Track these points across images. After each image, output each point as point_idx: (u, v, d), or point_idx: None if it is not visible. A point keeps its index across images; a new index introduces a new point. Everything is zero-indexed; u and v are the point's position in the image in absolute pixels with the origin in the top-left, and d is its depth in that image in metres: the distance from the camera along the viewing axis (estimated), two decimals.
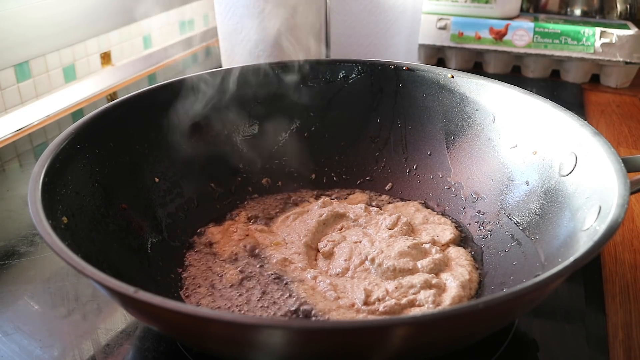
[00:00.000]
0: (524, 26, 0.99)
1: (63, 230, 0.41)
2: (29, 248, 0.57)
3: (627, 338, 0.46)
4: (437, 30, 1.03)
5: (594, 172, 0.45)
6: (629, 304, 0.50)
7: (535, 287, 0.33)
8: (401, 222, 0.55)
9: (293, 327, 0.32)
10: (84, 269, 0.34)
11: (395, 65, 0.63)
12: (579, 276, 0.53)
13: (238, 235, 0.55)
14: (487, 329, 0.38)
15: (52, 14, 0.89)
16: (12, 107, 0.87)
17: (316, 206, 0.59)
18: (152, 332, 0.46)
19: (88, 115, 0.51)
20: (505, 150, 0.56)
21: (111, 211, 0.49)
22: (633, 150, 0.78)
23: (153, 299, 0.32)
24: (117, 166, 0.52)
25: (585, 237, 0.39)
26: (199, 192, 0.59)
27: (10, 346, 0.45)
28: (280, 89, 0.64)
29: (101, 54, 1.02)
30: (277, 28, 0.82)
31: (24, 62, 0.87)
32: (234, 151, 0.62)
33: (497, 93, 0.57)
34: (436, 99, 0.62)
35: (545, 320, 0.47)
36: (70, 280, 0.52)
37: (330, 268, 0.52)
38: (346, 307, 0.46)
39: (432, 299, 0.46)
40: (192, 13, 1.25)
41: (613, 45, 0.95)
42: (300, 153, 0.65)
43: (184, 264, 0.52)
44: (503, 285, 0.47)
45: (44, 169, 0.43)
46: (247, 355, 0.36)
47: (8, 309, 0.49)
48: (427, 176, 0.62)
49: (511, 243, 0.51)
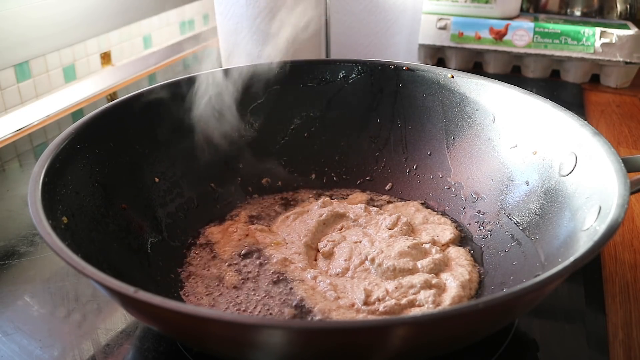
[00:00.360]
0: (524, 26, 0.99)
1: (63, 230, 0.41)
2: (29, 248, 0.57)
3: (627, 338, 0.46)
4: (437, 30, 1.03)
5: (594, 172, 0.45)
6: (629, 304, 0.50)
7: (535, 287, 0.33)
8: (401, 222, 0.55)
9: (293, 327, 0.32)
10: (84, 269, 0.34)
11: (395, 65, 0.63)
12: (579, 276, 0.52)
13: (238, 235, 0.55)
14: (487, 329, 0.38)
15: (52, 14, 0.89)
16: (12, 107, 0.87)
17: (316, 206, 0.59)
18: (152, 332, 0.46)
19: (88, 115, 0.51)
20: (505, 150, 0.56)
21: (111, 211, 0.49)
22: (633, 150, 0.78)
23: (153, 299, 0.32)
24: (117, 166, 0.52)
25: (585, 237, 0.39)
26: (199, 192, 0.59)
27: (10, 346, 0.45)
28: (280, 88, 0.64)
29: (101, 54, 1.02)
30: (276, 28, 0.82)
31: (24, 62, 0.87)
32: (234, 151, 0.62)
33: (497, 93, 0.57)
34: (436, 99, 0.62)
35: (545, 320, 0.47)
36: (70, 280, 0.52)
37: (330, 268, 0.52)
38: (346, 307, 0.46)
39: (432, 299, 0.46)
40: (192, 13, 1.25)
41: (613, 45, 0.95)
42: (300, 153, 0.65)
43: (184, 264, 0.52)
44: (503, 285, 0.47)
45: (44, 169, 0.43)
46: (247, 355, 0.36)
47: (8, 309, 0.49)
48: (427, 176, 0.62)
49: (511, 243, 0.51)
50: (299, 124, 0.65)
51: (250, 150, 0.63)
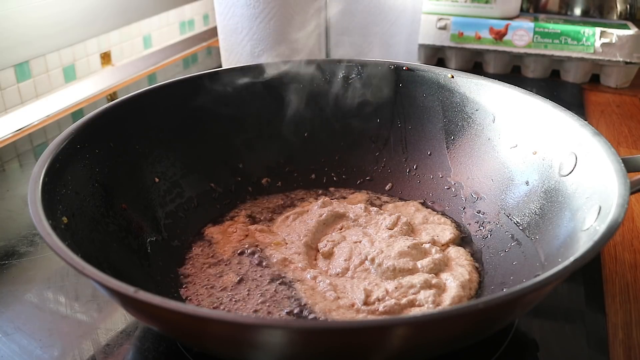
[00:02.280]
0: (524, 26, 0.99)
1: (63, 230, 0.41)
2: (29, 248, 0.57)
3: (627, 338, 0.46)
4: (437, 30, 1.03)
5: (594, 172, 0.45)
6: (629, 304, 0.50)
7: (535, 287, 0.33)
8: (401, 222, 0.55)
9: (293, 327, 0.32)
10: (84, 269, 0.34)
11: (395, 65, 0.63)
12: (579, 276, 0.52)
13: (238, 235, 0.55)
14: (487, 329, 0.38)
15: (52, 14, 0.89)
16: (12, 107, 0.87)
17: (316, 206, 0.59)
18: (152, 332, 0.46)
19: (88, 115, 0.51)
20: (505, 150, 0.56)
21: (111, 211, 0.49)
22: (633, 150, 0.78)
23: (153, 299, 0.32)
24: (117, 166, 0.52)
25: (585, 237, 0.39)
26: (199, 192, 0.59)
27: (10, 346, 0.45)
28: (280, 89, 0.64)
29: (101, 54, 1.02)
30: (276, 28, 0.82)
31: (24, 62, 0.87)
32: (234, 151, 0.62)
33: (497, 93, 0.57)
34: (436, 99, 0.62)
35: (545, 320, 0.47)
36: (70, 280, 0.52)
37: (330, 268, 0.52)
38: (346, 307, 0.46)
39: (432, 299, 0.46)
40: (192, 13, 1.25)
41: (613, 45, 0.95)
42: (300, 153, 0.65)
43: (184, 264, 0.52)
44: (503, 285, 0.47)
45: (44, 169, 0.43)
46: (247, 355, 0.36)
47: (8, 309, 0.49)
48: (427, 176, 0.62)
49: (511, 243, 0.51)
50: (299, 124, 0.65)
51: (250, 150, 0.63)
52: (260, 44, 0.84)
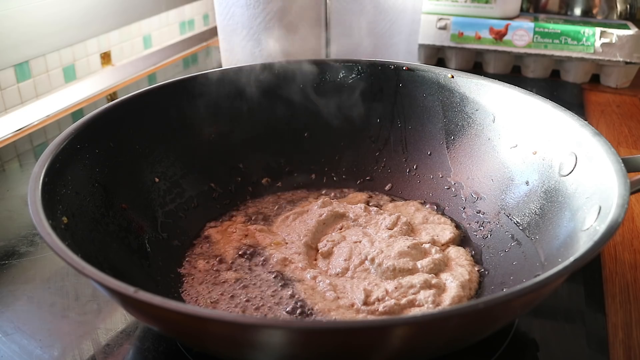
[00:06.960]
0: (524, 26, 0.99)
1: (63, 230, 0.41)
2: (29, 248, 0.57)
3: (627, 338, 0.46)
4: (437, 30, 1.03)
5: (594, 172, 0.45)
6: (629, 304, 0.50)
7: (535, 287, 0.33)
8: (401, 222, 0.55)
9: (293, 327, 0.32)
10: (84, 269, 0.34)
11: (395, 65, 0.63)
12: (579, 276, 0.53)
13: (238, 235, 0.55)
14: (487, 329, 0.38)
15: (52, 14, 0.89)
16: (12, 107, 0.87)
17: (316, 206, 0.59)
18: (152, 332, 0.46)
19: (88, 115, 0.51)
20: (505, 150, 0.56)
21: (111, 211, 0.49)
22: (633, 150, 0.78)
23: (153, 299, 0.32)
24: (117, 166, 0.52)
25: (585, 237, 0.39)
26: (199, 192, 0.59)
27: (10, 346, 0.45)
28: (280, 89, 0.64)
29: (101, 54, 1.02)
30: (276, 28, 0.82)
31: (24, 62, 0.87)
32: (234, 151, 0.62)
33: (497, 93, 0.57)
34: (436, 99, 0.62)
35: (545, 320, 0.47)
36: (70, 280, 0.52)
37: (330, 268, 0.52)
38: (346, 307, 0.46)
39: (432, 299, 0.46)
40: (192, 13, 1.25)
41: (613, 45, 0.95)
42: (300, 153, 0.65)
43: (184, 264, 0.52)
44: (503, 285, 0.47)
45: (44, 169, 0.43)
46: (247, 355, 0.36)
47: (8, 309, 0.49)
48: (427, 176, 0.62)
49: (511, 243, 0.51)
50: (298, 124, 0.65)
51: (250, 150, 0.63)
52: (260, 44, 0.84)
